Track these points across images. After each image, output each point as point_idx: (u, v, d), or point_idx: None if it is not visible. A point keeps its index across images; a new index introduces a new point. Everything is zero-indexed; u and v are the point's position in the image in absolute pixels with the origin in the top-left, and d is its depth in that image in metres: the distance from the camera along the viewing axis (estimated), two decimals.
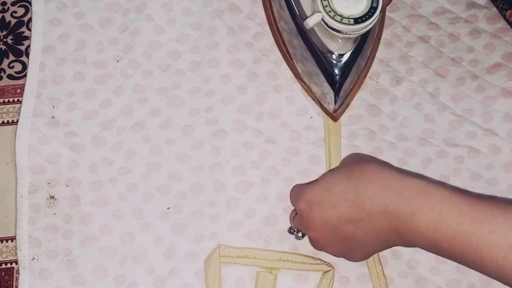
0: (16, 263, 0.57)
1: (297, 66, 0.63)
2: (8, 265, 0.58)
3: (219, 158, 0.61)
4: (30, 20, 0.65)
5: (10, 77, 0.64)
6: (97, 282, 0.57)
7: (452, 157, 0.62)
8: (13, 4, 0.66)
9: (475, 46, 0.65)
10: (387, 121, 0.63)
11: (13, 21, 0.66)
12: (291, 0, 0.59)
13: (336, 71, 0.58)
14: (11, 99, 0.63)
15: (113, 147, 0.61)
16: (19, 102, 0.62)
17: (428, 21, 0.66)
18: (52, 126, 0.61)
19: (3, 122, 0.62)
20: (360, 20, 0.54)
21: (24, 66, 0.64)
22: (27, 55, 0.64)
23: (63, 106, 0.62)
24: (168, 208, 0.59)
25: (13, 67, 0.64)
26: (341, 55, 0.58)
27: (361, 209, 0.50)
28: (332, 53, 0.58)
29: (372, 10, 0.54)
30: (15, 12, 0.66)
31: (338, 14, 0.54)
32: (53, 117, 0.61)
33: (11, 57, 0.65)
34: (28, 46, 0.64)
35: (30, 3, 0.65)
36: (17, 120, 0.61)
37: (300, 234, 0.57)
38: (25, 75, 0.63)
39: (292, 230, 0.58)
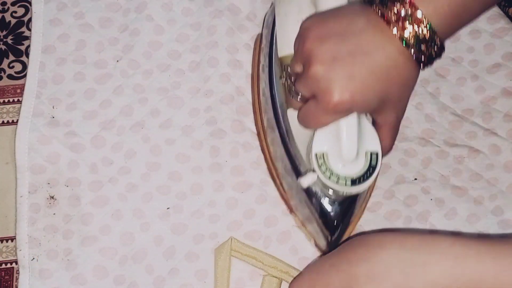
0: (16, 263, 0.57)
1: (291, 202, 0.58)
2: (8, 265, 0.58)
3: (218, 158, 0.61)
4: (30, 20, 0.65)
5: (10, 77, 0.64)
6: (97, 282, 0.57)
7: (452, 157, 0.61)
8: (13, 4, 0.66)
9: (475, 46, 0.65)
10: None
11: (13, 21, 0.66)
12: (287, 140, 0.54)
13: (332, 217, 0.52)
14: (11, 99, 0.63)
15: (113, 147, 0.61)
16: (19, 102, 0.62)
17: None
18: (52, 126, 0.61)
19: (3, 122, 0.62)
20: (357, 181, 0.49)
21: (24, 66, 0.64)
22: (27, 55, 0.64)
23: (63, 106, 0.62)
24: (168, 208, 0.59)
25: (13, 67, 0.64)
26: (336, 200, 0.53)
27: (355, 276, 0.44)
28: (327, 197, 0.52)
29: (370, 169, 0.49)
30: (15, 12, 0.66)
31: (334, 174, 0.49)
32: (53, 117, 0.61)
33: (11, 57, 0.65)
34: (28, 46, 0.64)
35: (30, 3, 0.65)
36: (17, 120, 0.61)
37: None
38: (25, 75, 0.63)
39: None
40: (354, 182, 0.49)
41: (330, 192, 0.52)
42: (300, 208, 0.57)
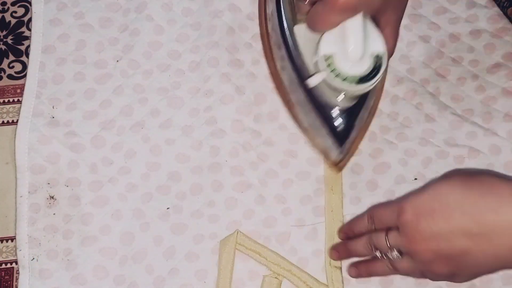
0: (16, 263, 0.58)
1: (298, 116, 0.61)
2: (8, 265, 0.58)
3: (217, 158, 0.61)
4: (30, 20, 0.65)
5: (10, 77, 0.64)
6: (97, 282, 0.57)
7: (453, 157, 0.61)
8: (13, 4, 0.66)
9: (475, 46, 0.65)
10: (388, 121, 0.63)
11: (13, 21, 0.66)
12: (292, 51, 0.57)
13: (339, 125, 0.55)
14: (11, 99, 0.63)
15: (113, 147, 0.61)
16: (19, 102, 0.62)
17: (429, 21, 0.66)
18: (52, 126, 0.61)
19: (3, 122, 0.62)
20: (363, 80, 0.51)
21: (24, 66, 0.64)
22: (27, 55, 0.64)
23: (63, 106, 0.62)
24: (167, 208, 0.59)
25: (13, 67, 0.64)
26: (343, 109, 0.55)
27: (481, 223, 0.45)
28: (334, 106, 0.55)
29: (376, 69, 0.51)
30: (15, 12, 0.66)
31: (341, 74, 0.51)
32: (53, 117, 0.61)
33: (11, 57, 0.65)
34: (28, 46, 0.64)
35: (30, 3, 0.65)
36: (17, 120, 0.61)
37: (396, 253, 0.51)
38: (25, 75, 0.63)
39: (387, 249, 0.51)
40: (360, 80, 0.51)
41: (339, 98, 0.54)
42: (309, 122, 0.59)
